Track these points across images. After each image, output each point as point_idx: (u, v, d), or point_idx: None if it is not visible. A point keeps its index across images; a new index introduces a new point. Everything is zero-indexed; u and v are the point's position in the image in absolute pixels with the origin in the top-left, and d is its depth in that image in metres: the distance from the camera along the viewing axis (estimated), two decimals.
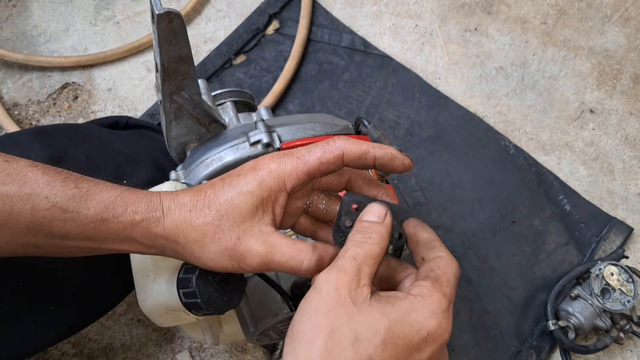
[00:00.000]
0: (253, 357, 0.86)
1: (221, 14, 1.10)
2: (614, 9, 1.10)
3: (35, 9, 1.11)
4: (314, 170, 0.44)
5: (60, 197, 0.42)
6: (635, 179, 0.98)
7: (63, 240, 0.44)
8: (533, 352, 0.86)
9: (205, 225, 0.43)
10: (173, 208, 0.44)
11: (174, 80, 0.57)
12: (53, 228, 0.42)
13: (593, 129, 1.01)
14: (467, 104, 1.02)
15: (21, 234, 0.43)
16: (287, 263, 0.43)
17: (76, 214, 0.42)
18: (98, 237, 0.44)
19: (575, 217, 0.95)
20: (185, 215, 0.44)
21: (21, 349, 0.68)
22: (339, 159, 0.44)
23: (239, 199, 0.43)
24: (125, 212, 0.43)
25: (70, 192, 0.43)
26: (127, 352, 0.86)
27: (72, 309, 0.71)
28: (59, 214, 0.42)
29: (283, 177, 0.44)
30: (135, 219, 0.43)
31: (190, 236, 0.43)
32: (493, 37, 1.08)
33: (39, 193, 0.42)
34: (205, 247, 0.43)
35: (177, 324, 0.57)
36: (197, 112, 0.63)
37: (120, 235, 0.44)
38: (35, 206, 0.42)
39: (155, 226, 0.44)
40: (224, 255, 0.43)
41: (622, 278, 0.83)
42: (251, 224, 0.43)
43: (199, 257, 0.44)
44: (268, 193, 0.44)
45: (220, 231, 0.43)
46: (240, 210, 0.43)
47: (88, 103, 1.04)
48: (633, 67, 1.05)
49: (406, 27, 1.09)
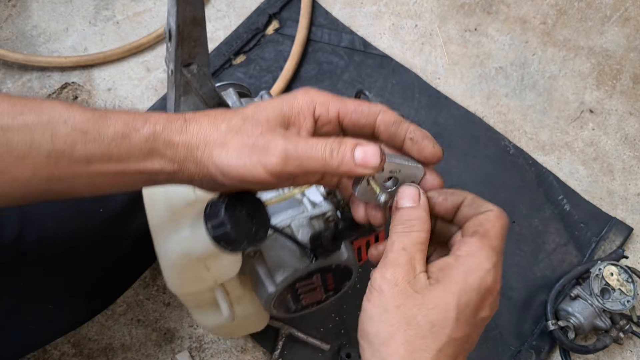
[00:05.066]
0: (253, 357, 0.86)
1: (221, 14, 1.10)
2: (614, 9, 1.10)
3: (35, 9, 1.11)
4: (347, 112, 0.44)
5: (79, 120, 0.41)
6: (634, 179, 0.98)
7: (86, 166, 0.42)
8: (533, 352, 0.86)
9: (228, 128, 0.42)
10: (198, 117, 0.43)
11: (186, 46, 0.57)
12: (75, 153, 0.41)
13: (593, 129, 1.01)
14: (466, 104, 1.02)
15: (43, 166, 0.41)
16: (313, 149, 0.40)
17: (96, 134, 0.41)
18: (121, 156, 0.42)
19: (575, 217, 0.95)
20: (211, 121, 0.43)
21: (19, 346, 0.68)
22: (373, 115, 0.44)
23: (267, 107, 0.43)
24: (146, 124, 0.42)
25: (89, 114, 0.42)
26: (127, 352, 0.86)
27: (71, 307, 0.72)
28: (79, 136, 0.41)
29: (315, 102, 0.44)
30: (157, 129, 0.42)
31: (211, 137, 0.42)
32: (493, 37, 1.08)
33: (57, 119, 0.41)
34: (225, 146, 0.42)
35: (194, 289, 0.56)
36: (204, 91, 0.62)
37: (143, 149, 0.42)
38: (54, 132, 0.41)
39: (177, 134, 0.42)
40: (244, 150, 0.41)
41: (621, 278, 0.83)
42: (276, 126, 0.42)
43: (217, 158, 0.42)
44: (297, 112, 0.43)
45: (244, 130, 0.42)
46: (266, 114, 0.43)
47: (88, 103, 1.04)
48: (633, 67, 1.05)
49: (406, 27, 1.09)
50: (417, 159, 0.45)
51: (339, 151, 0.40)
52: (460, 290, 0.39)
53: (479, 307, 0.39)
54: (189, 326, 0.88)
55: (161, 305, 0.89)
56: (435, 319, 0.38)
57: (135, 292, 0.89)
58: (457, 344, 0.38)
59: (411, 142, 0.44)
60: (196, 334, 0.87)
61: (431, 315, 0.38)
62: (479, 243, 0.41)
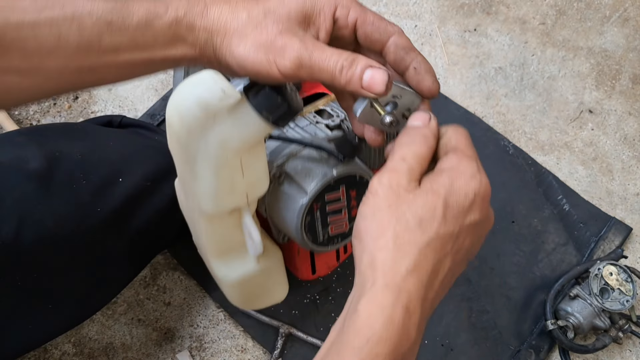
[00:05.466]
0: (253, 357, 0.86)
1: None
2: (613, 10, 1.10)
3: None
4: (364, 22, 0.45)
5: (103, 11, 0.42)
6: (634, 179, 0.98)
7: (115, 55, 0.43)
8: (532, 351, 0.86)
9: (249, 17, 0.43)
10: (219, 1, 0.44)
11: None
12: (102, 43, 0.42)
13: (592, 129, 1.02)
14: (466, 104, 1.03)
15: (73, 57, 0.42)
16: (325, 62, 0.42)
17: (121, 24, 0.42)
18: (147, 44, 0.43)
19: (574, 217, 0.95)
20: (232, 7, 0.44)
21: (18, 346, 0.69)
22: (387, 35, 0.45)
23: (290, 2, 0.44)
24: (167, 10, 0.43)
25: (111, 4, 0.43)
26: (128, 351, 0.86)
27: (69, 306, 0.72)
28: (104, 27, 0.42)
29: (337, 3, 0.45)
30: (179, 14, 0.43)
31: (231, 25, 0.43)
32: (492, 38, 1.08)
33: (82, 11, 0.42)
34: (244, 38, 0.43)
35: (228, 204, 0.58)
36: None
37: (167, 35, 0.43)
38: (81, 24, 0.42)
39: (199, 18, 0.43)
40: (261, 47, 0.43)
41: (621, 278, 0.83)
42: (296, 27, 0.43)
43: (235, 48, 0.43)
44: (319, 10, 0.44)
45: (264, 24, 0.43)
46: (288, 9, 0.43)
47: (88, 103, 1.04)
48: (632, 68, 1.05)
49: (405, 28, 1.09)
50: (415, 88, 0.47)
51: (350, 70, 0.42)
52: (447, 192, 0.40)
53: (468, 209, 0.41)
54: (189, 326, 0.88)
55: (161, 304, 0.89)
56: (423, 215, 0.39)
57: (135, 292, 0.89)
58: (444, 241, 0.40)
59: (414, 71, 0.46)
60: (196, 333, 0.87)
61: (420, 212, 0.40)
62: (455, 157, 0.42)
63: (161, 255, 0.92)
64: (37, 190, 0.65)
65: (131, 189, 0.71)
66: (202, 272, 0.90)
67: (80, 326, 0.87)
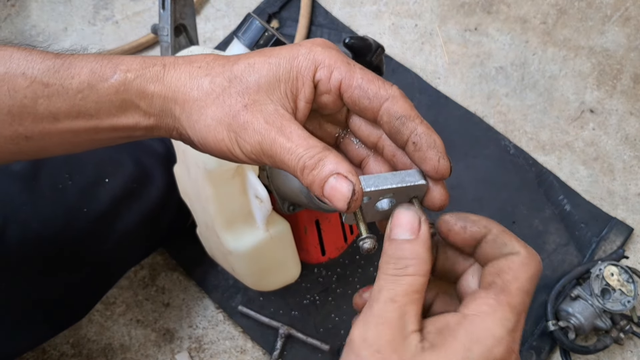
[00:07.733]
0: (252, 358, 0.86)
1: (220, 14, 1.10)
2: (614, 9, 1.09)
3: (34, 9, 1.11)
4: (350, 86, 0.36)
5: (39, 71, 0.37)
6: (635, 179, 0.98)
7: (53, 123, 0.38)
8: (533, 352, 0.86)
9: (212, 84, 0.36)
10: (180, 63, 0.37)
11: (179, 5, 0.69)
12: (38, 108, 0.37)
13: (593, 128, 1.01)
14: (466, 103, 1.02)
15: (5, 124, 0.37)
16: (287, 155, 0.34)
17: (60, 87, 0.37)
18: (90, 111, 0.37)
19: (576, 217, 0.94)
20: (193, 72, 0.37)
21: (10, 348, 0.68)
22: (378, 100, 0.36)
23: (262, 66, 0.36)
24: (115, 72, 0.37)
25: (50, 62, 0.37)
26: (126, 352, 0.86)
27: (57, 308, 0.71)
28: (40, 89, 0.37)
29: (318, 64, 0.36)
30: (128, 77, 0.37)
31: (190, 93, 0.36)
32: (493, 37, 1.07)
33: (15, 70, 0.37)
34: (205, 109, 0.36)
35: None
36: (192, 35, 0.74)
37: (114, 101, 0.37)
38: (12, 86, 0.36)
39: (152, 83, 0.37)
40: (223, 122, 0.35)
41: (622, 278, 0.83)
42: (266, 97, 0.36)
43: (195, 122, 0.36)
44: (296, 75, 0.36)
45: (228, 94, 0.36)
46: (258, 76, 0.36)
47: None
48: (633, 67, 1.05)
49: (406, 27, 1.08)
50: (418, 167, 0.37)
51: (312, 172, 0.34)
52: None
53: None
54: (188, 326, 0.88)
55: (160, 305, 0.89)
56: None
57: (134, 293, 0.89)
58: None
59: (414, 146, 0.36)
60: (195, 334, 0.87)
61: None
62: (493, 301, 0.32)
63: (160, 256, 0.91)
64: (21, 191, 0.64)
65: (117, 190, 0.70)
66: (201, 273, 0.90)
67: (78, 327, 0.86)
